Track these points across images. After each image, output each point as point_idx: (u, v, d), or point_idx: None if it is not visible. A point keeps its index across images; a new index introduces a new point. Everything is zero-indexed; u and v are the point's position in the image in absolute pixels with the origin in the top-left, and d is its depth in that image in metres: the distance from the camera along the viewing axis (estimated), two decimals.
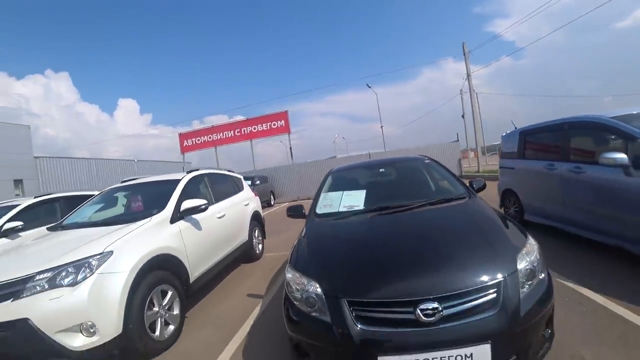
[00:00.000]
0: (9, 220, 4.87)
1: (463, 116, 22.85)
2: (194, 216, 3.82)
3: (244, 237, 5.15)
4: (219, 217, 4.42)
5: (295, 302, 2.02)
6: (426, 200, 2.90)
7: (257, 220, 5.84)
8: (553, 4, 14.91)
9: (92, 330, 2.42)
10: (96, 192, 5.55)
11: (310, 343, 1.92)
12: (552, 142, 4.79)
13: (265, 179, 16.79)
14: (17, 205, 5.22)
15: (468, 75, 18.96)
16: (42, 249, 2.98)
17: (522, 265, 1.86)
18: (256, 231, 5.74)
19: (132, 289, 2.66)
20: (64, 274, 2.47)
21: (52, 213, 5.55)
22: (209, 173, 5.05)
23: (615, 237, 3.55)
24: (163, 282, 3.04)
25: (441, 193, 3.23)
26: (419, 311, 1.66)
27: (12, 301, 2.37)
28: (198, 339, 3.15)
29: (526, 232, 2.26)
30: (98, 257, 2.61)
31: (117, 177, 18.47)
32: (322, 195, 3.45)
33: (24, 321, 2.28)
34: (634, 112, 3.79)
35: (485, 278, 1.76)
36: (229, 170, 6.01)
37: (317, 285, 1.96)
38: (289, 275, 2.20)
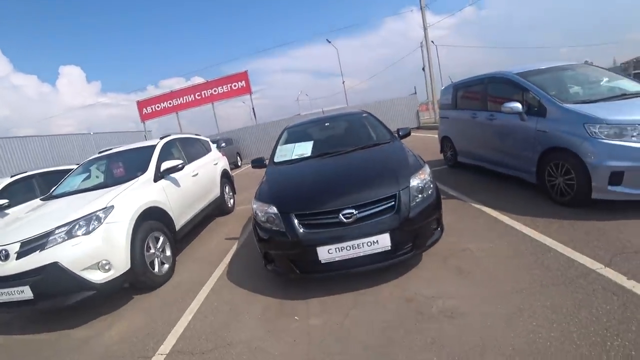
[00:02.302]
0: None
1: (424, 69, 23.48)
2: (172, 175, 4.42)
3: (216, 192, 5.80)
4: (193, 175, 5.02)
5: (260, 223, 2.82)
6: (358, 146, 3.74)
7: (226, 177, 6.48)
8: None
9: (107, 267, 3.09)
10: (72, 166, 5.92)
11: (274, 253, 2.77)
12: (475, 94, 5.59)
13: (231, 141, 16.93)
14: None
15: (424, 28, 19.47)
16: (47, 212, 3.49)
17: (414, 183, 2.72)
18: (227, 187, 6.39)
19: (132, 234, 3.32)
20: (77, 226, 3.07)
21: (30, 189, 5.76)
22: (180, 137, 5.56)
23: (516, 170, 4.50)
24: (155, 230, 3.70)
25: (371, 139, 4.08)
26: (341, 216, 2.51)
27: (39, 252, 2.96)
28: (189, 272, 3.89)
29: (424, 162, 3.13)
30: (103, 210, 3.22)
31: (74, 153, 17.28)
32: (279, 147, 4.21)
33: (54, 264, 2.89)
34: (534, 69, 4.59)
35: (385, 192, 2.62)
36: (196, 134, 6.50)
37: (275, 207, 2.76)
38: (255, 205, 2.99)
